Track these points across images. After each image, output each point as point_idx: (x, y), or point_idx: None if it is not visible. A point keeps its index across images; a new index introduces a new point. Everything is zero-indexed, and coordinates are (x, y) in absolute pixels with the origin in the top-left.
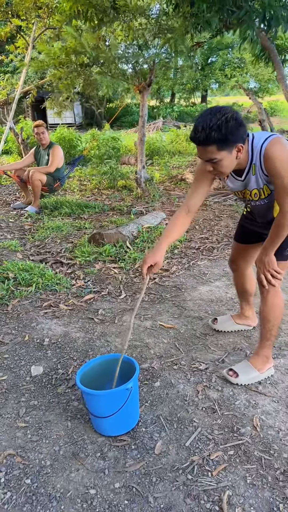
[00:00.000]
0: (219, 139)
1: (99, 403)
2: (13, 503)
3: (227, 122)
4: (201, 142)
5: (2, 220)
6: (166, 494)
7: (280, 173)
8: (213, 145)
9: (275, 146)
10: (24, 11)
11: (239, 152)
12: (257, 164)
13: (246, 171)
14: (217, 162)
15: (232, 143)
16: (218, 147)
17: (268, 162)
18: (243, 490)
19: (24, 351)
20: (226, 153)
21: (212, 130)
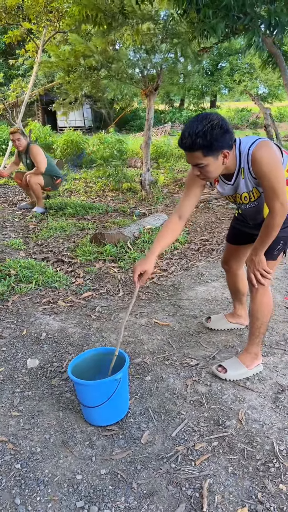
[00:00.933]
0: (204, 145)
1: (88, 393)
2: (2, 486)
3: (212, 129)
4: (187, 148)
5: (7, 220)
6: (149, 481)
7: (267, 175)
8: (198, 151)
9: (262, 149)
10: (35, 15)
11: (225, 158)
12: (245, 168)
13: (235, 175)
14: (204, 167)
15: (217, 149)
16: (203, 153)
17: (256, 165)
18: (224, 479)
19: (21, 344)
20: (212, 159)
21: (198, 136)
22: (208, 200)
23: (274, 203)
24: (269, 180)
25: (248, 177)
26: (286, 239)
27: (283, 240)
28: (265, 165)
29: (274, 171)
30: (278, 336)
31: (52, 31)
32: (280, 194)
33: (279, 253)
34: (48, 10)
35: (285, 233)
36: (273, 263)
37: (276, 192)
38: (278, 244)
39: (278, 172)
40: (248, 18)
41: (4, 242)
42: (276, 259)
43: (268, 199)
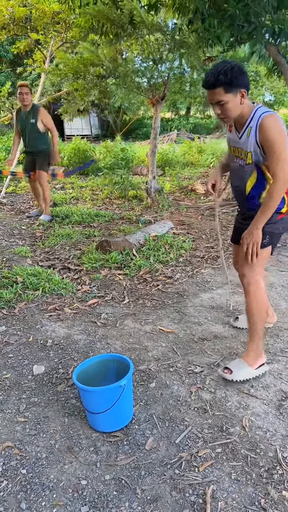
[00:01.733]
0: (225, 82)
1: (93, 399)
2: (8, 490)
3: (232, 69)
4: (211, 85)
5: (15, 227)
6: (153, 486)
7: (273, 142)
8: (220, 87)
9: (272, 118)
10: (43, 26)
11: (243, 97)
12: (253, 128)
13: (244, 129)
14: (224, 104)
15: (236, 87)
16: (224, 89)
17: (263, 131)
18: (227, 485)
19: (27, 351)
20: (231, 96)
21: (220, 74)
22: (213, 208)
23: (278, 169)
24: (274, 147)
25: (252, 139)
26: (271, 235)
27: (269, 235)
28: (272, 133)
29: (279, 139)
30: (283, 343)
31: (60, 42)
32: (283, 161)
33: (265, 246)
34: (55, 21)
35: (271, 228)
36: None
37: (280, 158)
38: (264, 238)
39: (283, 141)
40: (252, 26)
41: (11, 249)
42: (263, 247)
43: (272, 165)
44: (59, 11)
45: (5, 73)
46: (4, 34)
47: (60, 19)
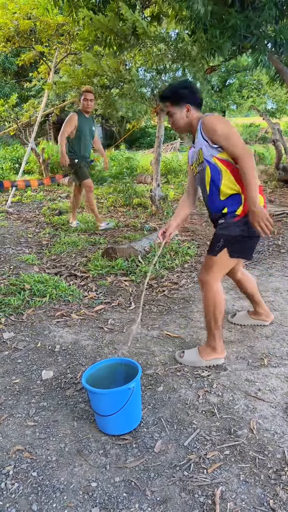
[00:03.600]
0: (171, 97)
1: (102, 402)
2: (20, 493)
3: (179, 87)
4: (161, 99)
5: (21, 236)
6: (162, 488)
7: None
8: (167, 101)
9: (210, 116)
10: (47, 38)
11: (188, 111)
12: (198, 129)
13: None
14: (172, 115)
15: (181, 102)
16: (171, 103)
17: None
18: (236, 486)
19: (36, 356)
20: (178, 109)
21: (168, 91)
22: None
23: (236, 147)
24: (220, 133)
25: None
26: (226, 238)
27: (223, 238)
28: (213, 123)
29: (222, 125)
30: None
31: (64, 53)
32: (235, 139)
33: (220, 250)
34: (59, 33)
35: (226, 231)
36: (216, 260)
37: (229, 138)
38: (218, 241)
39: (227, 126)
40: (254, 38)
41: (19, 257)
42: (217, 255)
43: (229, 148)
44: (63, 23)
45: (10, 85)
46: (9, 46)
47: (64, 31)
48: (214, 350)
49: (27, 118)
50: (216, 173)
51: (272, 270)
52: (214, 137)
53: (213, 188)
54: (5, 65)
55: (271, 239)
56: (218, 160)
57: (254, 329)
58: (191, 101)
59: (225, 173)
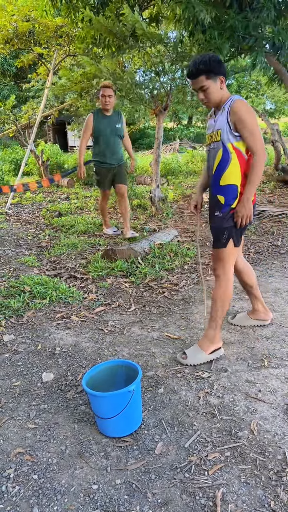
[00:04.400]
0: (205, 70)
1: (102, 404)
2: (21, 496)
3: (210, 59)
4: (193, 75)
5: (21, 238)
6: (163, 490)
7: (246, 120)
8: (202, 75)
9: (241, 101)
10: (46, 39)
11: (222, 83)
12: (225, 108)
13: (220, 112)
14: (206, 89)
15: (215, 74)
16: (206, 77)
17: (235, 112)
18: (237, 488)
19: (36, 359)
20: (212, 82)
21: (200, 64)
22: None
23: (256, 144)
24: (246, 124)
25: (223, 117)
26: (230, 229)
27: (227, 230)
28: (244, 112)
29: (251, 118)
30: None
31: (63, 55)
32: (258, 136)
33: (227, 242)
34: (58, 35)
35: (228, 223)
36: (223, 250)
37: (254, 134)
38: (223, 233)
39: (255, 120)
40: (252, 39)
41: (18, 259)
42: (226, 246)
43: (250, 142)
44: (62, 24)
45: (9, 86)
46: (8, 48)
47: (63, 32)
48: (213, 340)
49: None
50: (227, 158)
51: (271, 270)
52: (240, 126)
53: (219, 169)
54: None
55: (270, 239)
56: (233, 147)
57: (254, 330)
58: (223, 73)
59: (234, 161)
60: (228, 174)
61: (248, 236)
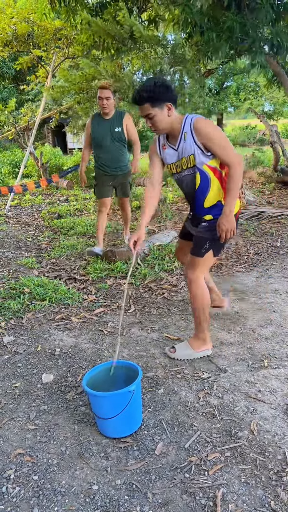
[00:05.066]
0: (150, 98)
1: (102, 405)
2: (21, 496)
3: (155, 85)
4: (138, 102)
5: (20, 240)
6: (164, 490)
7: (213, 136)
8: (147, 103)
9: (201, 119)
10: (45, 42)
11: (169, 110)
12: (188, 132)
13: (179, 139)
14: (153, 117)
15: (161, 101)
16: (151, 105)
17: (200, 131)
18: (237, 488)
19: (36, 360)
20: (158, 110)
21: (145, 91)
22: None
23: (229, 157)
24: (214, 139)
25: (190, 141)
26: (211, 241)
27: (209, 241)
28: (208, 129)
29: (215, 132)
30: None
31: (62, 57)
32: (229, 148)
33: (206, 252)
34: (57, 38)
35: (210, 235)
36: (202, 260)
37: (225, 148)
38: (204, 243)
39: (221, 133)
40: (251, 40)
41: (18, 261)
42: (203, 256)
43: (223, 157)
44: (60, 27)
45: (8, 89)
46: (7, 51)
47: (62, 35)
48: (204, 342)
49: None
50: (206, 181)
51: (271, 271)
52: (209, 144)
53: (201, 193)
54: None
55: (270, 240)
56: (208, 167)
57: (254, 330)
58: (171, 99)
59: (214, 180)
60: (212, 195)
61: (247, 237)
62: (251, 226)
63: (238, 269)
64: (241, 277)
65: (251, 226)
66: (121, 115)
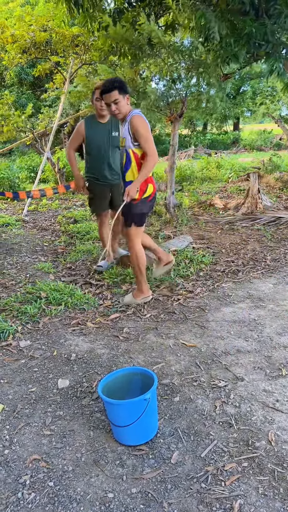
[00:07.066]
0: (118, 87)
1: (118, 412)
2: (37, 503)
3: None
4: (110, 90)
5: (37, 244)
6: (180, 500)
7: (140, 130)
8: (115, 90)
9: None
10: (62, 49)
11: (127, 99)
12: (127, 122)
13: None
14: (118, 102)
15: (124, 92)
16: (118, 92)
17: (132, 124)
18: (254, 499)
19: (52, 365)
20: (122, 97)
21: (115, 82)
22: (232, 222)
23: (147, 146)
24: (140, 132)
25: (126, 128)
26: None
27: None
28: (138, 124)
29: (143, 128)
30: None
31: (79, 63)
32: (150, 141)
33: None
34: (74, 44)
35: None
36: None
37: (146, 140)
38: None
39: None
40: (270, 45)
41: (35, 265)
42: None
43: (144, 145)
44: (78, 34)
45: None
46: (25, 58)
47: (79, 41)
48: (142, 292)
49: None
50: (128, 161)
51: None
52: (137, 135)
53: (124, 169)
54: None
55: (287, 246)
56: (132, 152)
57: (272, 338)
58: (128, 92)
59: (133, 163)
60: (130, 173)
61: (265, 243)
62: (268, 232)
63: (255, 276)
64: (258, 284)
65: (268, 231)
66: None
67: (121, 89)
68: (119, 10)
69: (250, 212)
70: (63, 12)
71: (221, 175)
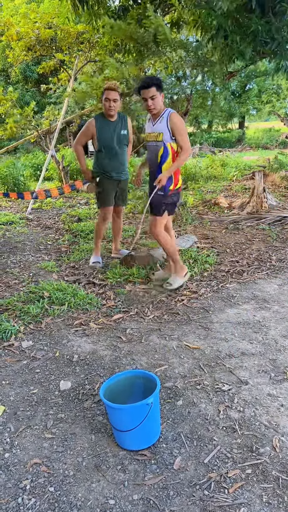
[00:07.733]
0: (156, 84)
1: (120, 417)
2: (37, 509)
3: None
4: (148, 86)
5: (41, 243)
6: (182, 508)
7: (179, 127)
8: (153, 87)
9: (175, 114)
10: (67, 46)
11: (162, 97)
12: (164, 118)
13: (158, 119)
14: (155, 98)
15: (161, 89)
16: (156, 89)
17: (172, 120)
18: (258, 508)
19: (54, 366)
20: (159, 94)
21: (153, 79)
22: (237, 221)
23: (184, 142)
24: (179, 129)
25: (163, 124)
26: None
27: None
28: (177, 121)
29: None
30: None
31: (84, 61)
32: (186, 138)
33: (163, 212)
34: (79, 41)
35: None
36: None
37: (183, 136)
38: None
39: (183, 126)
40: (276, 43)
41: (38, 264)
42: (162, 215)
43: (181, 143)
44: (83, 31)
45: (31, 92)
46: (30, 55)
47: (84, 39)
48: (182, 268)
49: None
50: (166, 153)
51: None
52: (175, 131)
53: (161, 160)
54: (26, 73)
55: None
56: (170, 146)
57: (277, 341)
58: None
59: (170, 156)
60: (166, 165)
61: (270, 243)
62: (273, 231)
63: (260, 276)
64: (263, 285)
65: (273, 231)
66: (125, 118)
67: (158, 87)
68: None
69: (255, 211)
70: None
71: (226, 174)
